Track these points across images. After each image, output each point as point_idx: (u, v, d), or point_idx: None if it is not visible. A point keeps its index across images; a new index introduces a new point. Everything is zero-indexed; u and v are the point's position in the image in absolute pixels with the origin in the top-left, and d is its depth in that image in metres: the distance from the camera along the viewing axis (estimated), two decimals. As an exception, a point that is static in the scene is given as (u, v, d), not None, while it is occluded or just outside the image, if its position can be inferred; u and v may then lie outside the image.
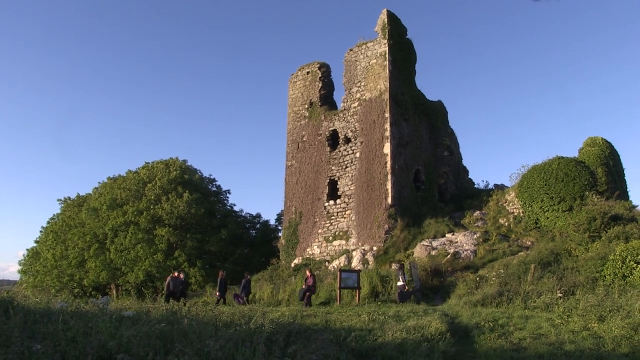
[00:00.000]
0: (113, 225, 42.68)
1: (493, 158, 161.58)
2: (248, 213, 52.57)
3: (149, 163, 48.84)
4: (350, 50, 36.89)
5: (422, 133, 36.88)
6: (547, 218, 28.59)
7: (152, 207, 42.69)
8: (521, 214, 30.42)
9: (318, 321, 14.75)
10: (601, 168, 29.35)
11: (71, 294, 41.09)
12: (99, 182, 51.64)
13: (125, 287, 43.89)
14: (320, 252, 34.21)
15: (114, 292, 43.97)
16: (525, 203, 29.97)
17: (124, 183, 46.61)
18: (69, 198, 53.43)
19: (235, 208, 51.48)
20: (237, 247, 46.22)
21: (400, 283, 22.24)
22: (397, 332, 12.75)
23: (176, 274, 25.05)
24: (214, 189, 50.62)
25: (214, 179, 51.12)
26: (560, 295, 17.69)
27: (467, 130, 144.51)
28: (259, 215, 52.66)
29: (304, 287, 23.18)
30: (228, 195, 51.62)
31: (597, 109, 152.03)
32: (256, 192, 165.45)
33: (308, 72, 39.52)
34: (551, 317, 15.22)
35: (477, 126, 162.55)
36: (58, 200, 54.12)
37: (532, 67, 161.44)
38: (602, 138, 32.01)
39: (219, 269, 43.14)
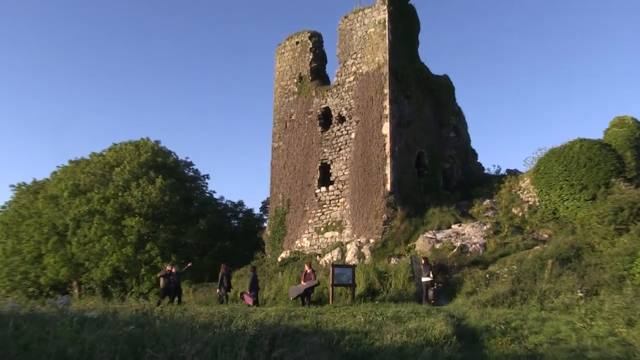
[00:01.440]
0: (75, 215, 42.45)
1: (506, 140, 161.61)
2: (229, 201, 52.80)
3: (116, 145, 48.70)
4: (346, 17, 36.67)
5: (425, 112, 36.93)
6: (567, 208, 28.69)
7: (120, 194, 42.54)
8: (537, 203, 30.58)
9: (308, 322, 14.77)
10: (630, 151, 29.31)
11: (25, 295, 40.90)
12: (59, 166, 51.44)
13: (89, 285, 43.75)
14: (310, 245, 34.31)
15: (76, 291, 43.77)
16: (542, 191, 30.08)
17: (88, 167, 46.40)
18: (24, 184, 53.09)
19: (215, 195, 51.69)
20: (217, 239, 46.36)
21: (427, 279, 22.29)
22: (397, 335, 12.78)
23: (169, 267, 25.10)
24: (191, 173, 50.64)
25: (191, 162, 51.20)
26: (581, 295, 17.77)
27: (476, 109, 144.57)
28: (241, 204, 52.87)
29: (302, 283, 23.02)
30: (207, 180, 51.73)
31: (627, 83, 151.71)
32: (239, 177, 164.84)
33: (297, 43, 39.31)
34: (571, 320, 15.29)
35: (487, 104, 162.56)
36: (10, 186, 53.71)
37: (550, 34, 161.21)
38: (631, 117, 31.80)
39: (196, 263, 43.26)
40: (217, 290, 25.70)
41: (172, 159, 48.12)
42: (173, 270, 24.82)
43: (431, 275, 22.34)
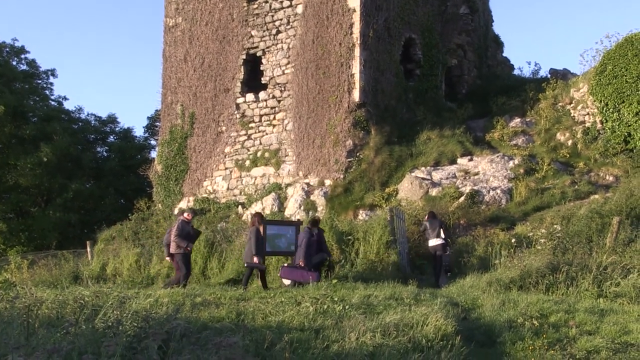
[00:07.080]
0: None
1: (551, 23, 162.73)
2: (93, 115, 52.93)
3: None
4: None
5: (420, -29, 36.84)
6: (649, 134, 29.03)
7: None
8: (599, 125, 30.89)
9: (224, 314, 14.68)
10: None
11: None
12: None
13: None
14: (228, 189, 34.78)
15: None
16: (607, 105, 30.12)
17: None
18: None
19: (68, 105, 51.47)
20: (72, 177, 46.50)
21: (437, 242, 22.43)
22: (367, 334, 12.74)
23: (188, 215, 22.82)
24: (24, 67, 50.76)
25: (24, 48, 51.18)
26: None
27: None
28: (113, 120, 53.05)
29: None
30: (52, 79, 52.17)
31: None
32: (109, 75, 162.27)
33: None
34: (648, 314, 15.57)
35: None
36: None
37: None
38: None
39: (33, 217, 42.96)
40: (255, 259, 21.35)
41: (-13, 41, 47.69)
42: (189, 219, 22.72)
43: (441, 238, 22.39)
